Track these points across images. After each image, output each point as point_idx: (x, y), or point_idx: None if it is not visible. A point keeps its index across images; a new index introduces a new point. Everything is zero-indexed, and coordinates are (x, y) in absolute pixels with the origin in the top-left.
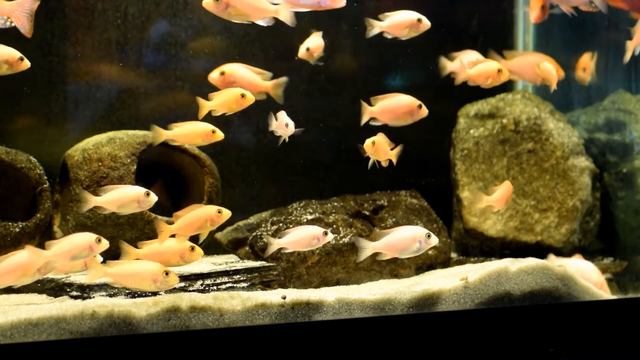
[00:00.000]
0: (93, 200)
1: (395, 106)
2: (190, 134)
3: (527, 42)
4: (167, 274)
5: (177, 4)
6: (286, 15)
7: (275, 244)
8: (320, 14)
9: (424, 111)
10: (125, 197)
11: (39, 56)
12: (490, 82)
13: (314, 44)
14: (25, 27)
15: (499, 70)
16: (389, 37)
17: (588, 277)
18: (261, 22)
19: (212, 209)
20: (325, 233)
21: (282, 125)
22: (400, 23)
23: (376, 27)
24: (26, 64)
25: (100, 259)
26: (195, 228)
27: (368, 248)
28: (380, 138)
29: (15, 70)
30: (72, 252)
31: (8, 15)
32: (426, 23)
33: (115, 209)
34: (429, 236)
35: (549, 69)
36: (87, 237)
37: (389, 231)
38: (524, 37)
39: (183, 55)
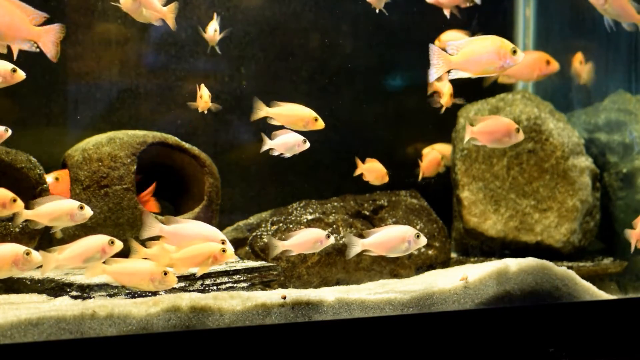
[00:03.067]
0: (24, 214)
1: (493, 128)
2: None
3: (527, 42)
4: (165, 274)
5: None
6: (170, 19)
7: (280, 246)
8: (319, 14)
9: (521, 135)
10: (58, 211)
11: (39, 56)
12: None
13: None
14: (51, 52)
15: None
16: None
17: None
18: (156, 23)
19: (216, 246)
20: (328, 236)
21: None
22: None
23: None
24: (20, 75)
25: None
26: (194, 263)
27: (357, 245)
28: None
29: (9, 82)
30: (84, 254)
31: (36, 40)
32: None
33: (47, 222)
34: (418, 236)
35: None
36: (99, 240)
37: (379, 229)
38: (524, 37)
39: (183, 55)
